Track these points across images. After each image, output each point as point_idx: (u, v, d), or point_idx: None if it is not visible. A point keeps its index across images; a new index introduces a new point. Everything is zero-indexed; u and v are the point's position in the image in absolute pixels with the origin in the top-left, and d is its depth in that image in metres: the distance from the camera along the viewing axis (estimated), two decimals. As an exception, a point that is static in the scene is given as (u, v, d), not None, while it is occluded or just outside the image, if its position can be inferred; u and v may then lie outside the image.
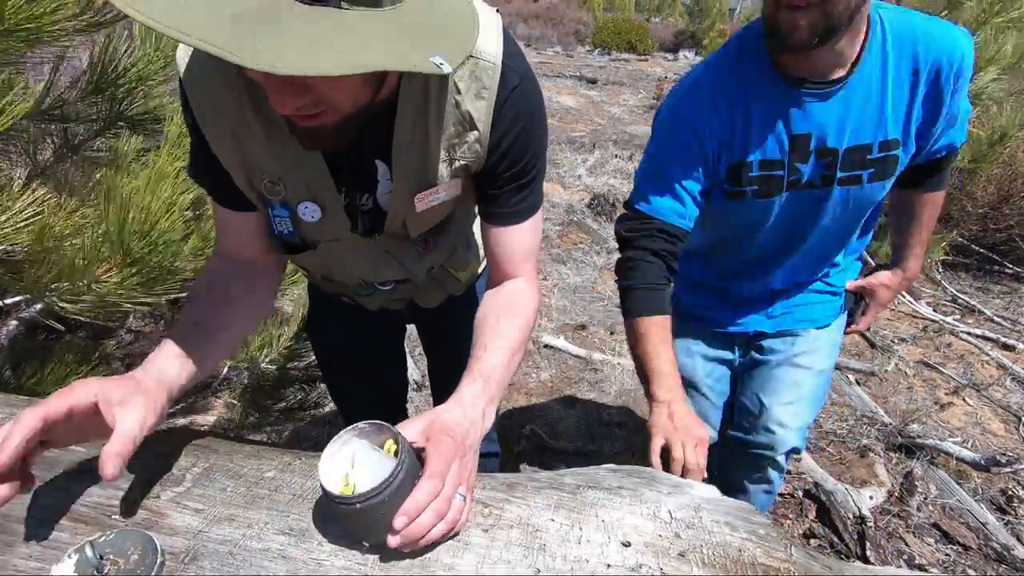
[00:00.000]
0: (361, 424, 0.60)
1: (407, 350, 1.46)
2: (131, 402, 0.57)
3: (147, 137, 1.28)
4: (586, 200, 3.93)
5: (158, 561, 0.54)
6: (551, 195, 3.84)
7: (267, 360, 1.52)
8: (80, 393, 0.55)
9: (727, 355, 1.31)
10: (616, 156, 5.05)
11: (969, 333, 2.61)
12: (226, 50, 0.41)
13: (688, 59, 10.90)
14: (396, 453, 0.58)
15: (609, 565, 0.62)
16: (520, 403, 2.13)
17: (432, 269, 0.93)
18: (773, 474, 1.31)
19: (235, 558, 0.57)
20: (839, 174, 0.98)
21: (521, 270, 0.81)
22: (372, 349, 1.16)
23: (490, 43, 0.65)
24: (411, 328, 1.26)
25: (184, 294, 1.00)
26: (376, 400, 1.22)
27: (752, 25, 0.96)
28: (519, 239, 0.79)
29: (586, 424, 2.05)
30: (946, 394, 2.25)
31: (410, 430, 0.62)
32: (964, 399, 2.23)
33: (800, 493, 1.79)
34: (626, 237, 1.05)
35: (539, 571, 0.60)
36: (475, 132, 0.69)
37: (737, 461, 1.34)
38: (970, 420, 2.12)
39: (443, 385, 1.31)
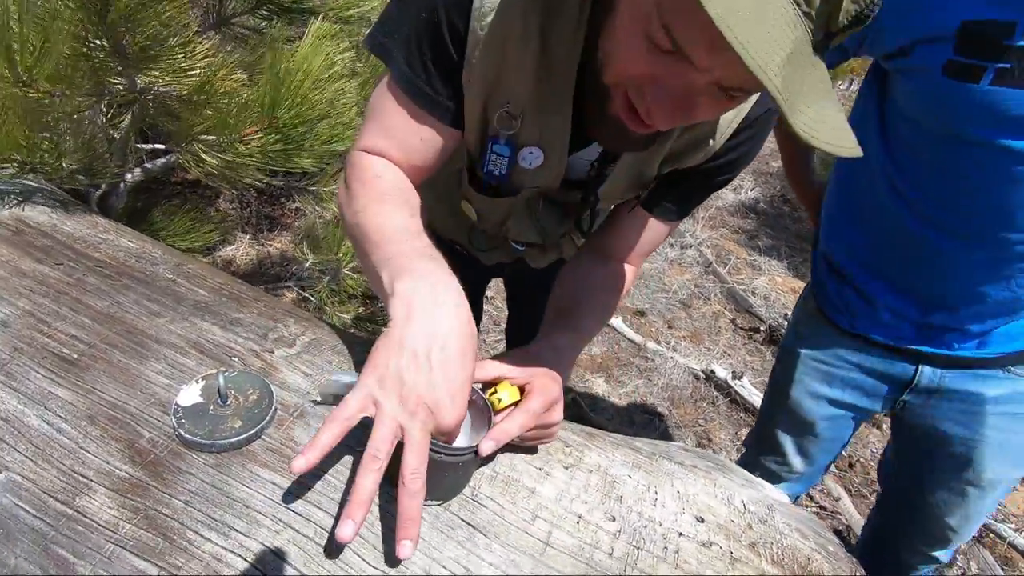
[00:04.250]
0: None
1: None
2: None
3: (292, 25, 1.30)
4: (671, 190, 3.81)
5: (273, 408, 0.57)
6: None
7: (349, 268, 1.56)
8: None
9: (879, 387, 0.95)
10: (710, 154, 4.86)
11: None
12: (784, 104, 0.38)
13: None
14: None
15: (682, 534, 0.61)
16: (566, 371, 2.14)
17: (563, 235, 0.90)
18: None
19: (338, 425, 0.59)
20: None
21: (637, 261, 0.80)
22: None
23: None
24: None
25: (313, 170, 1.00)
26: None
27: None
28: (656, 233, 0.77)
29: (628, 408, 2.04)
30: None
31: (516, 371, 0.60)
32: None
33: (832, 532, 1.74)
34: None
35: (614, 518, 0.60)
36: (712, 143, 0.65)
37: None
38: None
39: (520, 340, 1.32)
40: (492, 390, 0.58)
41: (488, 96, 0.63)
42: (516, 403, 0.58)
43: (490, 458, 0.60)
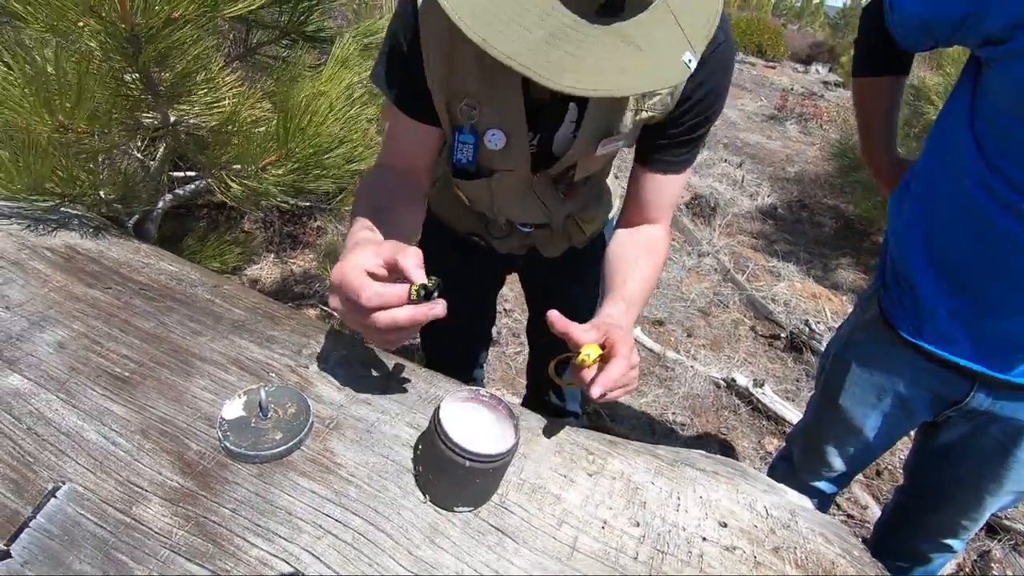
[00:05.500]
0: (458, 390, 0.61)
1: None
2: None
3: (317, 53, 1.35)
4: (687, 199, 3.81)
5: (310, 420, 0.60)
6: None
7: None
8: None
9: (930, 402, 0.93)
10: (725, 161, 4.85)
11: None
12: (546, 79, 0.47)
13: (820, 74, 10.18)
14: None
15: (705, 538, 0.63)
16: (586, 381, 2.15)
17: (568, 217, 0.97)
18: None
19: (371, 435, 0.62)
20: None
21: (662, 218, 0.84)
22: (473, 296, 1.20)
23: None
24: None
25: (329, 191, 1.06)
26: (463, 346, 1.28)
27: None
28: (670, 188, 0.82)
29: (648, 417, 2.04)
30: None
31: (590, 333, 0.64)
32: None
33: (860, 541, 1.71)
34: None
35: (638, 524, 0.62)
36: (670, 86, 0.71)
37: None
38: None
39: (540, 341, 1.35)
40: (576, 353, 0.62)
41: (447, 92, 0.73)
42: (601, 357, 0.63)
43: (516, 466, 0.63)
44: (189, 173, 1.19)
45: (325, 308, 1.78)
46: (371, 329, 0.55)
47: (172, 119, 0.99)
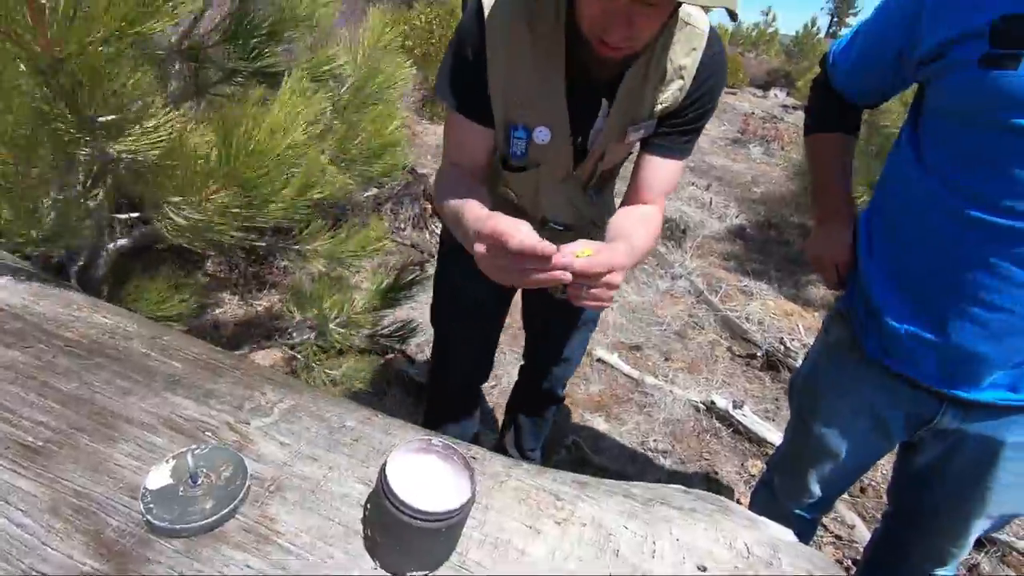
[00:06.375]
0: (416, 439, 0.57)
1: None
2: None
3: (269, 89, 1.33)
4: (657, 222, 3.85)
5: (247, 484, 0.55)
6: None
7: (336, 322, 1.55)
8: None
9: (903, 422, 0.92)
10: (692, 184, 4.95)
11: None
12: None
13: (778, 98, 10.58)
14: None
15: (683, 586, 0.59)
16: (565, 412, 2.10)
17: (591, 222, 1.10)
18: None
19: (316, 496, 0.57)
20: None
21: (658, 199, 0.96)
22: (492, 305, 1.28)
23: (700, 17, 0.86)
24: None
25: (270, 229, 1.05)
26: (478, 355, 1.36)
27: None
28: (668, 171, 0.95)
29: (630, 447, 1.99)
30: None
31: (592, 243, 0.71)
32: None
33: (850, 562, 1.67)
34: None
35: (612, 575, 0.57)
36: (680, 81, 0.87)
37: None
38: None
39: (535, 369, 1.43)
40: (576, 254, 0.69)
41: (506, 94, 0.88)
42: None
43: (475, 520, 0.58)
44: (134, 214, 1.14)
45: (290, 350, 1.71)
46: (506, 268, 0.68)
47: (111, 153, 0.94)
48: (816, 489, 1.09)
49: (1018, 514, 0.94)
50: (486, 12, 0.83)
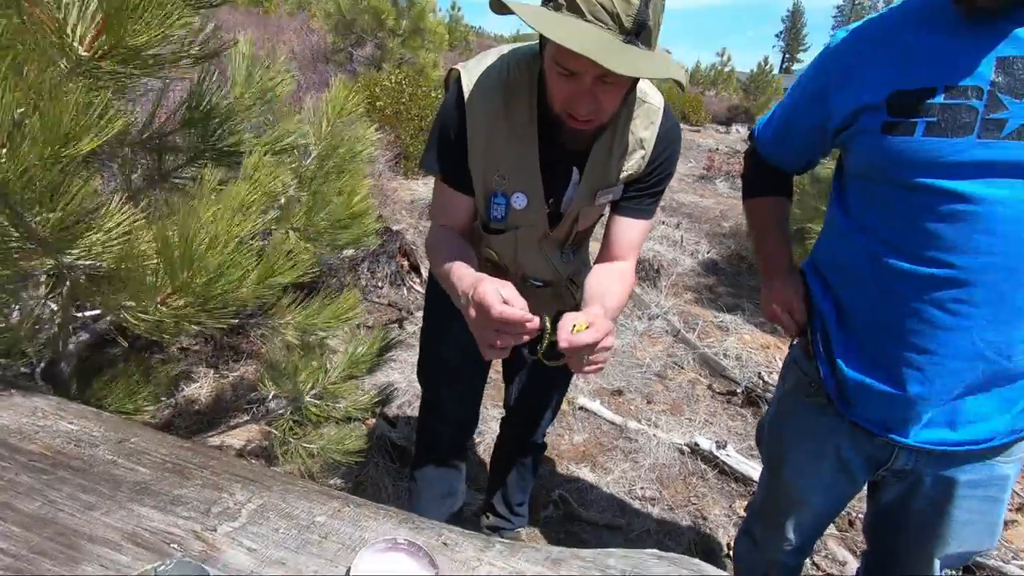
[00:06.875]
0: (388, 539, 0.58)
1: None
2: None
3: (229, 169, 1.36)
4: (631, 263, 3.93)
5: (212, 599, 0.54)
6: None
7: (311, 394, 1.54)
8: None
9: (862, 464, 0.95)
10: (663, 223, 5.08)
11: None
12: (604, 62, 0.69)
13: (740, 133, 11.03)
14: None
15: (657, 666, 0.59)
16: (551, 465, 2.08)
17: (567, 281, 1.18)
18: None
19: (284, 605, 0.57)
20: None
21: (629, 256, 1.05)
22: (478, 357, 1.28)
23: (656, 96, 0.98)
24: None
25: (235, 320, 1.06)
26: (467, 409, 1.39)
27: None
28: (636, 231, 1.04)
29: (617, 497, 1.98)
30: (1009, 510, 2.08)
31: (581, 315, 0.80)
32: (1030, 519, 2.06)
33: (844, 600, 1.66)
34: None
35: (584, 662, 0.58)
36: (643, 151, 0.98)
37: None
38: (1037, 543, 1.94)
39: (517, 406, 1.45)
40: (571, 327, 0.77)
41: (486, 168, 0.97)
42: (589, 326, 0.77)
43: None
44: (96, 312, 1.14)
45: (266, 427, 1.69)
46: (489, 331, 0.77)
47: (66, 262, 0.95)
48: (794, 536, 1.10)
49: (980, 550, 0.96)
50: (466, 97, 0.93)
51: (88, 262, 0.88)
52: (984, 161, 0.73)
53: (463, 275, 0.88)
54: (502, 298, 0.76)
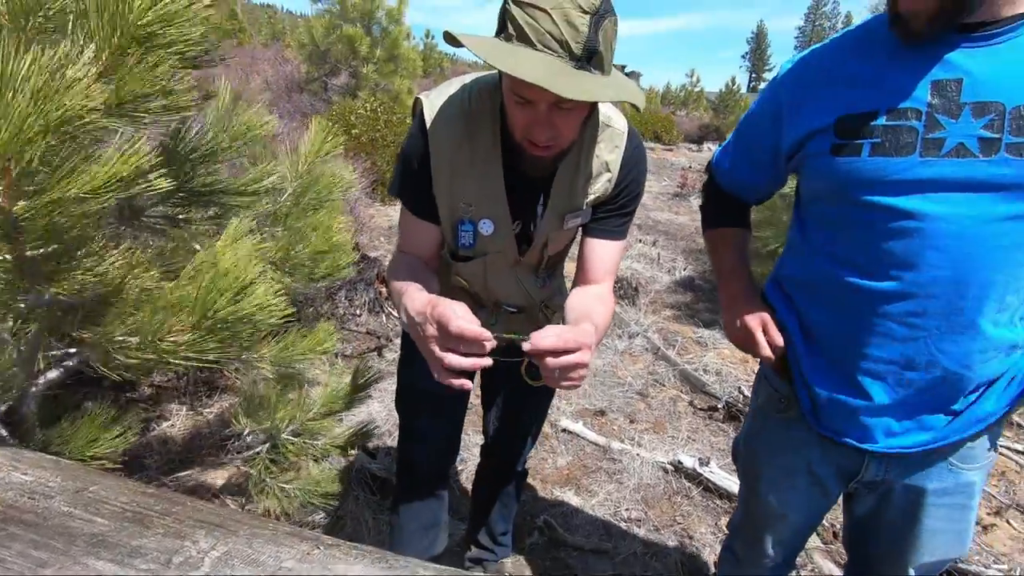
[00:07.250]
0: None
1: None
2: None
3: (204, 208, 1.35)
4: (609, 282, 3.96)
5: (170, 657, 0.52)
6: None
7: (289, 431, 1.51)
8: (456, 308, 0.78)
9: (834, 477, 0.96)
10: (640, 241, 5.15)
11: (1009, 448, 2.48)
12: (555, 88, 0.71)
13: (712, 151, 11.30)
14: None
15: None
16: (534, 490, 2.06)
17: (541, 305, 1.17)
18: None
19: (247, 660, 0.55)
20: (1009, 138, 0.72)
21: (606, 279, 1.05)
22: (455, 395, 1.28)
23: (620, 120, 0.99)
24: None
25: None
26: (447, 437, 1.37)
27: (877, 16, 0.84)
28: (611, 252, 1.05)
29: (603, 519, 1.96)
30: (988, 514, 2.11)
31: (565, 328, 0.79)
32: (1008, 521, 2.09)
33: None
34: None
35: None
36: (609, 174, 1.00)
37: None
38: (1017, 545, 1.97)
39: (497, 431, 1.43)
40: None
41: (451, 196, 0.98)
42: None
43: None
44: (68, 350, 1.11)
45: (241, 466, 1.65)
46: (443, 352, 0.78)
47: (47, 297, 0.93)
48: (774, 551, 1.10)
49: (953, 558, 0.97)
50: (428, 126, 0.94)
51: (77, 294, 0.86)
52: (927, 179, 0.76)
53: (416, 297, 0.86)
54: (458, 314, 0.76)
